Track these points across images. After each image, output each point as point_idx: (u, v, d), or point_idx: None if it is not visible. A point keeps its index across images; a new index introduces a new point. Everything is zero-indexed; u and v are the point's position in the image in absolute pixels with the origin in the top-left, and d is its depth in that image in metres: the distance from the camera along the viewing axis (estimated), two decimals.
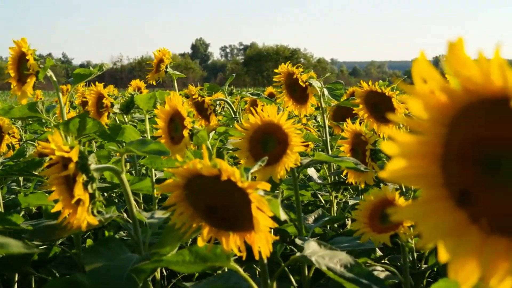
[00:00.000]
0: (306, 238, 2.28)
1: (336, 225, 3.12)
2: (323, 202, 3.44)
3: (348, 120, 2.69)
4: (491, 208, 0.74)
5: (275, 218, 2.68)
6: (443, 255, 0.76)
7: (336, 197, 3.34)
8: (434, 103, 0.77)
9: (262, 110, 2.10)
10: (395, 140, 0.79)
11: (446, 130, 0.78)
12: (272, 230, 3.02)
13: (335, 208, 3.30)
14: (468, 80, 0.73)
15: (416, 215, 0.78)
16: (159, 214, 2.10)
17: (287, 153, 2.05)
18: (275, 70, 3.34)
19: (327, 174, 3.52)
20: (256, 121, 2.11)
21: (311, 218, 2.48)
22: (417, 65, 0.76)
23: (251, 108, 2.20)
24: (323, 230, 2.95)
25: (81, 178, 1.53)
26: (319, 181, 3.29)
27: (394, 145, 0.79)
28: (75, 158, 1.50)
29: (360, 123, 2.68)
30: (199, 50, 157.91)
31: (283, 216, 1.67)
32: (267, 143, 2.10)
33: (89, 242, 2.74)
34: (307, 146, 2.11)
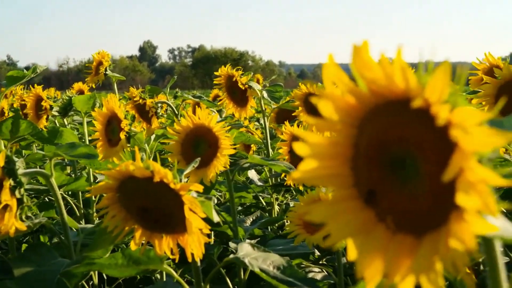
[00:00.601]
0: (241, 240, 2.29)
1: (276, 227, 3.14)
2: (264, 204, 3.46)
3: (286, 123, 2.71)
4: (397, 207, 0.77)
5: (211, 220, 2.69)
6: (351, 253, 0.78)
7: (277, 199, 3.37)
8: (343, 105, 0.79)
9: (194, 113, 2.11)
10: (306, 141, 0.80)
11: (356, 132, 0.80)
12: (213, 232, 3.03)
13: (276, 210, 3.32)
14: (373, 83, 0.75)
15: (326, 215, 0.80)
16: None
17: (217, 156, 2.07)
18: (215, 73, 3.35)
19: (269, 176, 3.54)
20: (188, 124, 2.11)
21: (249, 220, 2.49)
22: (327, 68, 0.78)
23: (183, 112, 2.21)
24: (263, 232, 2.97)
25: (8, 183, 1.50)
26: (260, 183, 3.31)
27: (306, 146, 0.80)
28: (1, 163, 1.48)
29: (298, 125, 2.70)
30: (147, 52, 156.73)
31: (215, 218, 1.68)
32: (199, 146, 2.11)
33: (24, 247, 2.70)
34: (235, 149, 2.11)
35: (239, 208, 3.57)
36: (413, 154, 0.74)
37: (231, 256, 1.67)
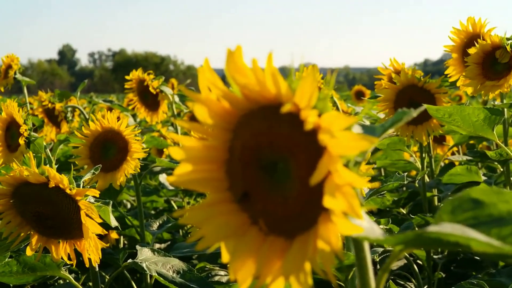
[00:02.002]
0: (149, 244, 2.27)
1: (185, 231, 3.13)
2: (176, 208, 3.45)
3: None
4: (269, 210, 0.78)
5: (122, 224, 2.64)
6: (225, 256, 0.79)
7: (188, 202, 3.36)
8: (218, 110, 0.80)
9: (103, 117, 2.09)
10: (182, 145, 0.81)
11: (231, 136, 0.81)
12: (122, 237, 2.99)
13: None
14: (246, 88, 0.76)
15: (201, 218, 0.81)
16: None
17: (127, 159, 2.05)
18: (126, 77, 3.32)
19: None
20: (96, 128, 2.09)
21: (155, 224, 2.47)
22: (202, 72, 0.78)
23: (92, 115, 2.18)
24: (173, 235, 2.96)
25: None
26: (171, 188, 3.30)
27: (181, 150, 0.81)
28: None
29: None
30: (66, 56, 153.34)
31: (113, 222, 1.66)
32: (108, 150, 2.09)
33: None
34: (147, 152, 2.11)
35: (152, 212, 3.54)
36: (285, 157, 0.76)
37: (129, 261, 1.66)
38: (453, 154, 3.46)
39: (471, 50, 1.88)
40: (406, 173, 3.11)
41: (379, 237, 0.73)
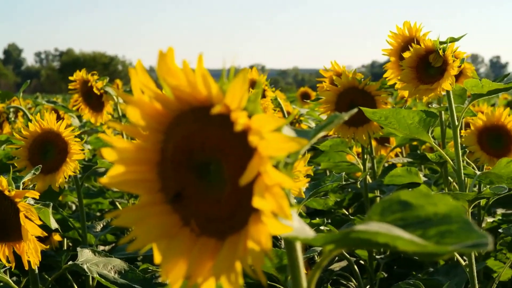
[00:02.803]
0: (92, 246, 2.25)
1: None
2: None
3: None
4: (202, 211, 0.78)
5: (65, 227, 2.61)
6: (157, 257, 0.80)
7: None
8: (151, 111, 0.80)
9: (42, 118, 2.06)
10: (114, 146, 0.81)
11: (163, 137, 0.81)
12: (65, 239, 2.95)
13: None
14: (177, 89, 0.76)
15: (133, 219, 0.81)
16: None
17: (66, 161, 2.03)
18: (70, 78, 3.28)
19: None
20: (35, 129, 2.06)
21: (99, 226, 2.46)
22: (134, 74, 0.79)
23: (31, 116, 2.15)
24: (118, 237, 2.94)
25: None
26: (116, 189, 3.27)
27: (113, 152, 0.80)
28: None
29: None
30: (12, 55, 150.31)
31: (53, 224, 1.64)
32: (48, 151, 2.06)
33: None
34: (93, 154, 2.09)
35: (98, 214, 3.51)
36: (217, 159, 0.77)
37: (70, 262, 1.65)
38: (397, 155, 3.52)
39: (406, 54, 1.92)
40: (350, 175, 3.17)
41: (307, 237, 0.74)
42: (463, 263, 1.80)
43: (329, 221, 2.52)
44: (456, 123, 1.81)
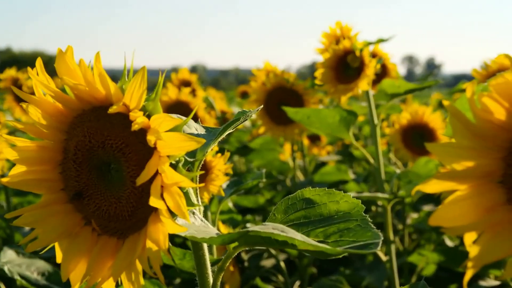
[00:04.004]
0: (14, 246, 2.21)
1: None
2: None
3: None
4: (103, 210, 0.78)
5: None
6: (58, 257, 0.79)
7: None
8: (52, 111, 0.79)
9: None
10: (16, 145, 0.80)
11: (65, 137, 0.81)
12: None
13: None
14: (77, 89, 0.76)
15: (35, 219, 0.80)
16: None
17: None
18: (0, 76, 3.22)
19: None
20: None
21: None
22: (34, 74, 0.78)
23: None
24: None
25: None
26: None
27: (14, 151, 0.80)
28: None
29: None
30: None
31: None
32: None
33: None
34: None
35: None
36: (117, 158, 0.76)
37: None
38: (330, 153, 3.56)
39: (325, 55, 1.94)
40: (284, 173, 3.19)
41: (204, 237, 0.75)
42: (384, 259, 1.83)
43: (261, 218, 2.53)
44: (375, 122, 1.84)
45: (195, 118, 2.31)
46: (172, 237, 1.04)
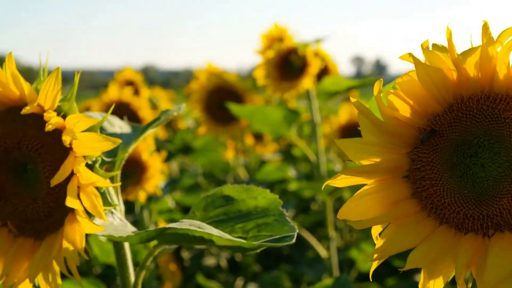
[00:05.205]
0: None
1: None
2: None
3: None
4: (20, 211, 0.78)
5: None
6: None
7: None
8: None
9: None
10: None
11: None
12: None
13: None
14: None
15: None
16: None
17: None
18: None
19: None
20: None
21: None
22: None
23: None
24: None
25: None
26: None
27: None
28: None
29: None
30: None
31: None
32: None
33: None
34: None
35: None
36: (33, 159, 0.76)
37: None
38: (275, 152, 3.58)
39: (269, 54, 1.96)
40: (228, 172, 3.20)
41: (122, 235, 0.75)
42: (324, 255, 1.86)
43: None
44: (316, 120, 1.87)
45: (138, 119, 2.30)
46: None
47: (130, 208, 1.81)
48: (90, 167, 0.75)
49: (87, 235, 0.76)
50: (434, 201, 0.66)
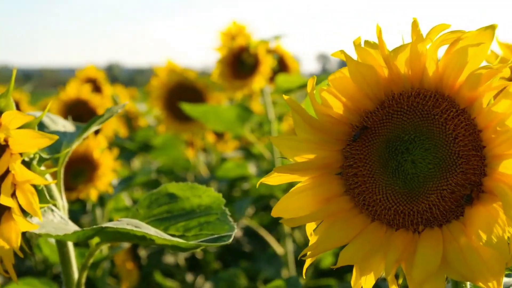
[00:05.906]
0: None
1: None
2: None
3: None
4: None
5: None
6: None
7: None
8: None
9: None
10: None
11: None
12: None
13: None
14: None
15: None
16: None
17: None
18: None
19: None
20: None
21: None
22: None
23: None
24: None
25: None
26: None
27: None
28: None
29: None
30: None
31: None
32: None
33: None
34: None
35: None
36: None
37: None
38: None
39: (222, 51, 1.97)
40: (189, 169, 3.20)
41: (59, 234, 0.75)
42: (279, 252, 1.88)
43: None
44: (270, 118, 1.88)
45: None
46: None
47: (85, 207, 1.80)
48: (27, 164, 0.75)
49: (37, 236, 0.76)
50: (366, 197, 0.66)
